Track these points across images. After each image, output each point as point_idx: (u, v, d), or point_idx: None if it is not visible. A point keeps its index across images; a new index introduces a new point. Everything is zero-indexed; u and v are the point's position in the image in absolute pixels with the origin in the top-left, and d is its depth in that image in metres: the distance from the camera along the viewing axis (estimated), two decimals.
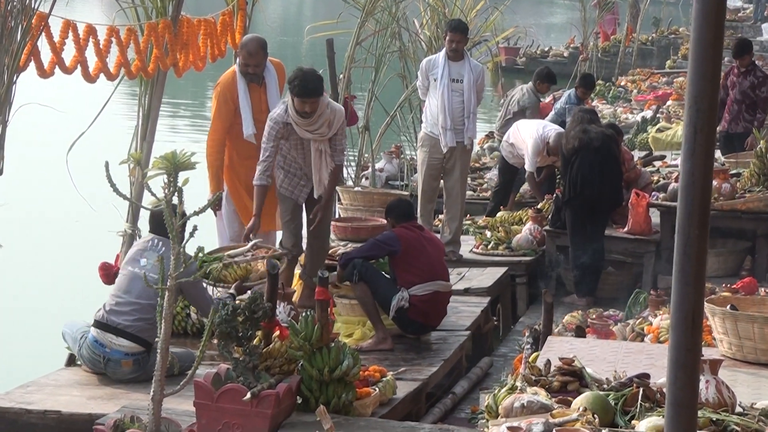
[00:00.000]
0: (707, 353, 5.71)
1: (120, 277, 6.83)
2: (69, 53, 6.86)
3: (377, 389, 6.23)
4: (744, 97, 12.48)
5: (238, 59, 8.17)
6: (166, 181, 5.09)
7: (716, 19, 2.42)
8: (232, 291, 7.10)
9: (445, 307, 7.88)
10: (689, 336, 2.39)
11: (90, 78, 7.08)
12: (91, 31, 7.01)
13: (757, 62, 13.13)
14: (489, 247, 10.27)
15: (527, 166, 11.14)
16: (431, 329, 7.79)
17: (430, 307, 7.62)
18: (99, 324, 6.70)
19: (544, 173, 11.60)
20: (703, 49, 2.40)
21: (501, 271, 9.67)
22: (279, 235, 8.60)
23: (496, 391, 5.52)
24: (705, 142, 2.38)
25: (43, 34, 6.48)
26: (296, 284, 8.18)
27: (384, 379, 6.41)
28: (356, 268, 7.52)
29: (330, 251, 8.99)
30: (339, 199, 11.31)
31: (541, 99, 13.71)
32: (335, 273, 7.82)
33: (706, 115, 2.39)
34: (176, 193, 5.07)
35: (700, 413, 4.59)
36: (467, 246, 10.35)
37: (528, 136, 11.09)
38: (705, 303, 6.14)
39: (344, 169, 10.82)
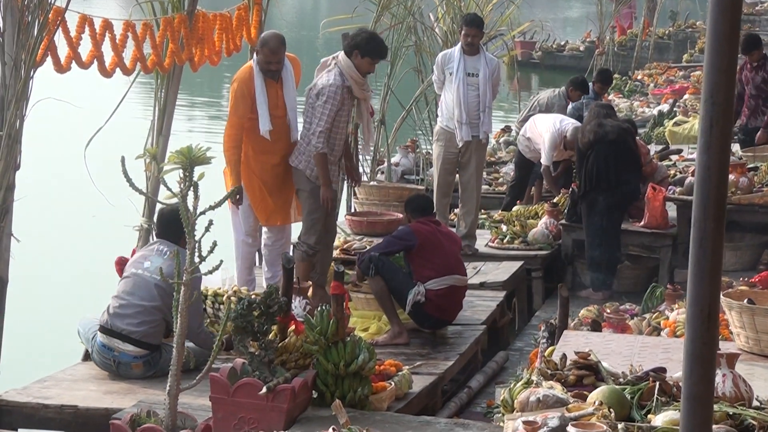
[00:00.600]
0: (724, 347, 5.69)
1: (123, 281, 6.79)
2: (85, 48, 6.88)
3: (393, 383, 6.23)
4: (759, 91, 12.50)
5: (256, 56, 8.14)
6: (181, 175, 5.09)
7: (732, 12, 2.41)
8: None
9: (461, 301, 7.87)
10: (705, 330, 2.38)
11: (106, 73, 7.09)
12: (107, 25, 7.02)
13: None
14: (505, 241, 10.26)
15: (543, 160, 11.13)
16: (447, 324, 7.79)
17: (446, 302, 7.62)
18: (104, 329, 6.69)
19: (561, 167, 11.58)
20: (719, 42, 2.39)
21: (517, 265, 9.65)
22: (292, 229, 8.61)
23: (511, 386, 5.52)
24: (721, 136, 2.37)
25: (60, 29, 6.49)
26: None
27: (400, 373, 6.41)
28: (373, 262, 7.51)
29: (346, 245, 9.01)
30: (355, 194, 11.31)
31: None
32: (355, 273, 7.83)
33: (722, 108, 2.38)
34: (191, 188, 5.08)
35: (716, 407, 4.57)
36: (483, 240, 10.34)
37: (545, 130, 11.08)
38: (722, 297, 6.12)
39: (359, 164, 10.83)
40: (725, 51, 2.39)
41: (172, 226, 6.69)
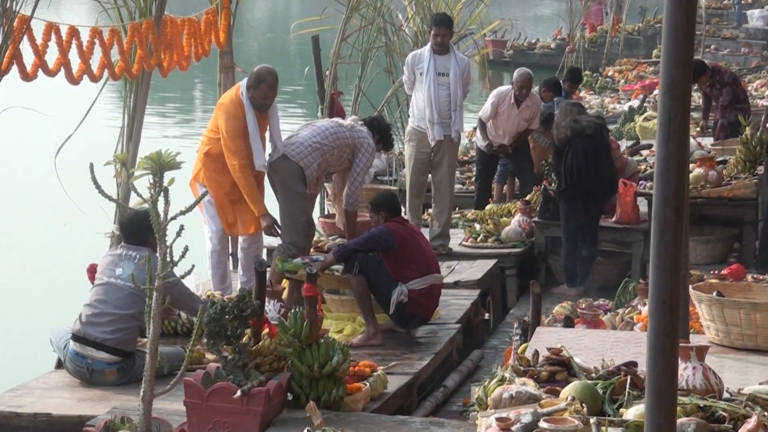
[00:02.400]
0: (695, 340, 5.72)
1: (95, 288, 6.77)
2: (52, 56, 6.85)
3: (368, 384, 6.23)
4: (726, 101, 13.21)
5: (248, 91, 8.04)
6: (151, 181, 5.09)
7: (688, 5, 2.43)
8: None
9: (438, 299, 7.88)
10: (667, 321, 2.40)
11: (74, 80, 7.07)
12: (74, 32, 6.99)
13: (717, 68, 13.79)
14: (478, 239, 10.29)
15: (480, 113, 11.47)
16: (425, 323, 7.79)
17: (427, 300, 7.62)
18: (77, 338, 6.66)
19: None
20: (675, 36, 2.41)
21: (490, 263, 9.68)
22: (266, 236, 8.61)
23: (486, 383, 5.53)
24: (679, 128, 2.39)
25: (26, 36, 6.46)
26: (285, 283, 8.16)
27: (374, 374, 6.41)
28: (357, 261, 7.46)
29: (319, 245, 9.02)
30: (328, 195, 11.31)
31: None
32: (324, 259, 7.82)
33: (680, 102, 2.40)
34: (162, 194, 5.07)
35: (687, 400, 4.60)
36: (456, 239, 10.36)
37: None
38: (691, 290, 6.16)
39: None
40: (682, 45, 2.41)
41: (134, 230, 6.72)
